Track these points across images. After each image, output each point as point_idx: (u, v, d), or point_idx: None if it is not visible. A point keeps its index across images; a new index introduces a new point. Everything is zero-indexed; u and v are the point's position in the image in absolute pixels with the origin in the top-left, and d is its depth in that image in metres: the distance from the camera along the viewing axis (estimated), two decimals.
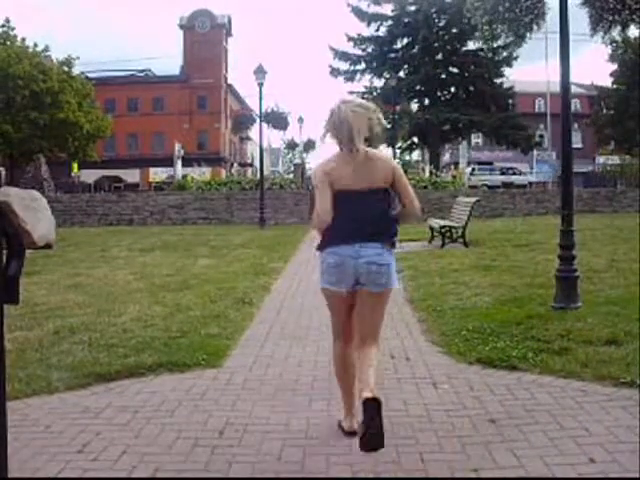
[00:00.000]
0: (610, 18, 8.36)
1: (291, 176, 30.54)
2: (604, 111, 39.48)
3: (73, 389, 4.26)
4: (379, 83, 37.74)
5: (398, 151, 38.65)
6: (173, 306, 6.97)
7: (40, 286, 8.39)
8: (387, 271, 3.32)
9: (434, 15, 36.43)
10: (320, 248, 3.40)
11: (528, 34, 7.68)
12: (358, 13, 36.47)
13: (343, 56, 36.91)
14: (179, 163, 35.75)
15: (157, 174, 45.59)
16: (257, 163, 30.76)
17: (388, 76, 36.18)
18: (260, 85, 21.43)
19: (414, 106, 38.37)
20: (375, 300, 3.37)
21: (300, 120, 41.01)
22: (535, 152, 41.18)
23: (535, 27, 7.53)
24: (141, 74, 57.02)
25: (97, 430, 3.54)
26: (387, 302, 3.47)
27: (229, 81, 58.49)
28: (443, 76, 37.53)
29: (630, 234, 12.76)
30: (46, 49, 35.27)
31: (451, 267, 9.48)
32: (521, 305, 6.46)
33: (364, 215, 3.31)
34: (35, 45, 34.93)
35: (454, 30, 36.40)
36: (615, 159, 41.34)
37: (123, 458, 3.18)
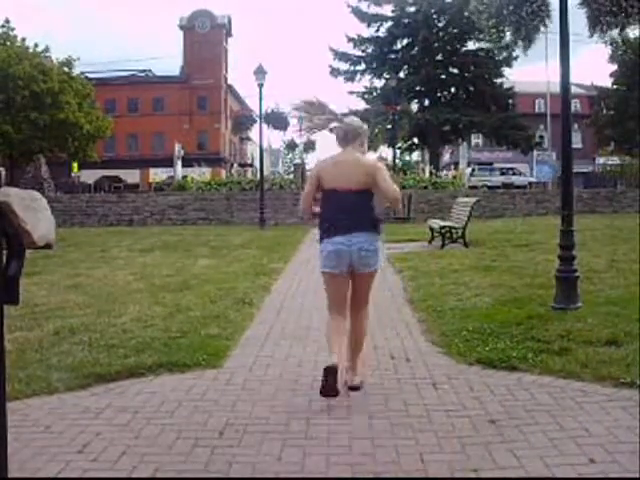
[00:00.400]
0: (607, 20, 8.39)
1: (291, 176, 30.51)
2: (604, 111, 39.48)
3: (73, 390, 4.26)
4: (379, 83, 37.82)
5: (398, 151, 38.67)
6: (173, 306, 6.97)
7: (40, 286, 8.38)
8: (374, 255, 4.07)
9: (434, 16, 36.46)
10: (320, 240, 4.15)
11: (535, 36, 7.72)
12: (358, 14, 36.49)
13: (343, 57, 36.92)
14: (179, 163, 35.75)
15: (157, 174, 45.62)
16: (257, 163, 30.76)
17: (388, 76, 36.20)
18: (260, 86, 21.44)
19: (414, 106, 38.39)
20: (366, 279, 4.18)
21: (300, 120, 40.98)
22: (535, 153, 41.18)
23: (541, 28, 7.57)
24: (141, 74, 57.03)
25: (97, 430, 3.54)
26: (374, 278, 4.24)
27: (229, 81, 58.51)
28: (443, 76, 37.56)
29: (630, 234, 12.76)
30: (46, 49, 35.28)
31: (451, 267, 9.48)
32: (521, 305, 6.45)
33: (351, 210, 4.02)
34: (35, 45, 34.94)
35: (454, 30, 36.45)
36: (615, 160, 41.34)
37: (123, 458, 3.18)
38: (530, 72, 73.12)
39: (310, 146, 34.76)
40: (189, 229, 20.32)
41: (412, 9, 36.37)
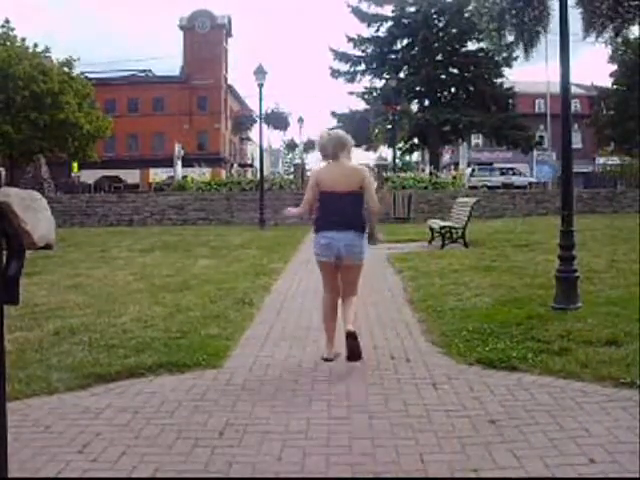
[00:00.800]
0: (602, 22, 8.42)
1: (291, 177, 30.51)
2: (604, 112, 39.48)
3: (73, 390, 4.26)
4: (379, 84, 37.81)
5: (399, 152, 38.65)
6: (173, 306, 6.97)
7: (40, 287, 8.38)
8: (359, 250, 4.86)
9: (434, 16, 36.47)
10: (315, 232, 4.97)
11: (536, 41, 7.76)
12: (358, 14, 36.50)
13: (343, 57, 36.93)
14: (179, 163, 35.73)
15: (157, 174, 45.61)
16: (257, 164, 30.75)
17: (388, 77, 36.22)
18: (260, 86, 21.44)
19: (414, 107, 38.38)
20: (352, 269, 4.94)
21: (300, 120, 41.03)
22: (535, 153, 41.21)
23: (542, 31, 7.60)
24: (141, 74, 57.04)
25: (97, 431, 3.54)
26: (361, 270, 5.02)
27: (229, 81, 58.50)
28: (443, 77, 37.56)
29: (630, 234, 12.76)
30: (46, 50, 35.26)
31: (451, 268, 9.47)
32: (521, 306, 6.45)
33: (342, 210, 4.80)
34: (35, 45, 34.92)
35: (454, 31, 36.45)
36: (615, 160, 41.34)
37: (123, 458, 3.18)
38: (530, 72, 73.21)
39: (310, 146, 34.81)
40: (189, 229, 20.32)
41: (412, 9, 36.38)
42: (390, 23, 36.71)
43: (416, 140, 39.23)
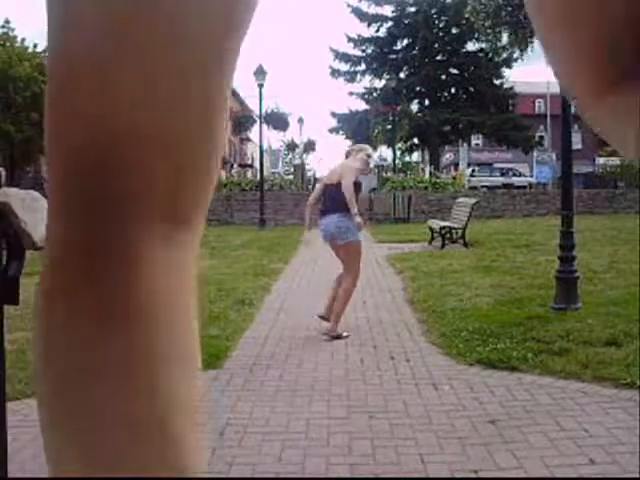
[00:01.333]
0: None
1: (291, 177, 30.51)
2: None
3: None
4: (379, 84, 37.83)
5: (399, 152, 38.68)
6: None
7: None
8: (345, 230, 5.52)
9: (434, 16, 36.50)
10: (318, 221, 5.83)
11: (531, 40, 7.76)
12: (358, 14, 36.53)
13: (343, 57, 36.95)
14: None
15: None
16: (257, 164, 30.77)
17: (388, 77, 36.24)
18: (260, 86, 21.44)
19: (414, 107, 38.41)
20: (343, 249, 5.63)
21: (300, 121, 41.07)
22: (535, 153, 41.20)
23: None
24: None
25: None
26: (351, 250, 5.60)
27: None
28: (443, 77, 37.57)
29: (630, 235, 12.76)
30: (47, 50, 35.29)
31: (451, 268, 9.48)
32: (521, 306, 6.46)
33: (329, 197, 5.67)
34: (35, 46, 34.94)
35: (454, 31, 36.48)
36: (615, 160, 41.33)
37: None
38: (530, 72, 73.10)
39: (310, 146, 34.81)
40: None
41: (412, 9, 36.41)
42: (390, 23, 36.73)
43: (416, 140, 39.22)
